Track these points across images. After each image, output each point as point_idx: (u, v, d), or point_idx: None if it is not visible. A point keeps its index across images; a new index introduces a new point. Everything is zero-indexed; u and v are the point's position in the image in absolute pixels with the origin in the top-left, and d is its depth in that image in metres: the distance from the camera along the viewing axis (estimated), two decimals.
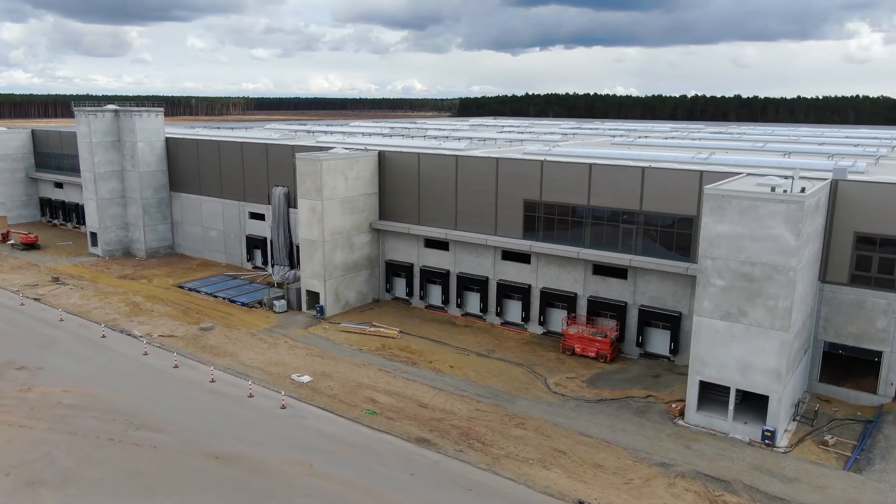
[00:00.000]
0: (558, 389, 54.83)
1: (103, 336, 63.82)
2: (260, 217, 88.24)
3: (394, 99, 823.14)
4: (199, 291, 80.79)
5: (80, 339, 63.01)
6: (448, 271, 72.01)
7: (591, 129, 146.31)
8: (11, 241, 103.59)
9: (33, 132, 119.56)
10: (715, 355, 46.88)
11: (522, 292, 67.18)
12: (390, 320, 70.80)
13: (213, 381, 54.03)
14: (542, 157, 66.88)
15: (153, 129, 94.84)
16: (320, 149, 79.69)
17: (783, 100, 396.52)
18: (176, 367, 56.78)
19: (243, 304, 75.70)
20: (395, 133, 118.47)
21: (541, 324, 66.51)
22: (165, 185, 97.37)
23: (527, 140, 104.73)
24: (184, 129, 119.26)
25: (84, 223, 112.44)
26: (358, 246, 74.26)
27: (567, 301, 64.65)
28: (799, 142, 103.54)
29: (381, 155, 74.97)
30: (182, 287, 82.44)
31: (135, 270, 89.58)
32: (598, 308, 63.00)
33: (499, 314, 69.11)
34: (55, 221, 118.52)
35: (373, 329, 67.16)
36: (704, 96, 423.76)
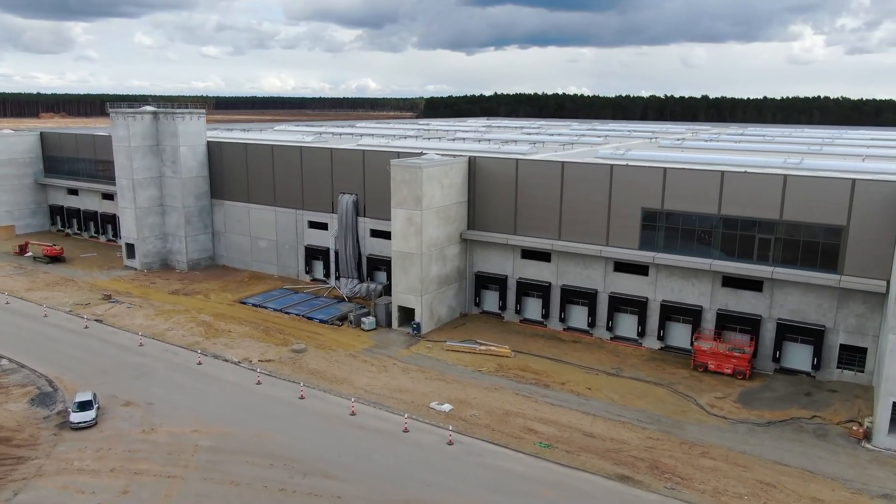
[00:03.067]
0: (715, 411, 51.70)
1: (199, 363, 57.94)
2: (321, 226, 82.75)
3: (354, 98, 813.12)
4: (265, 307, 74.98)
5: (175, 367, 56.99)
6: (549, 283, 68.19)
7: (607, 130, 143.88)
8: (30, 254, 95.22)
9: (42, 134, 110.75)
10: None
11: (638, 306, 63.86)
12: (490, 336, 66.63)
13: (353, 413, 49.02)
14: (663, 164, 63.68)
15: (196, 133, 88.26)
16: (397, 154, 74.89)
17: (750, 100, 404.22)
18: (302, 397, 51.51)
19: (322, 322, 70.40)
20: (431, 135, 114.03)
21: (659, 338, 63.34)
22: (207, 192, 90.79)
23: (576, 143, 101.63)
24: None
25: (104, 233, 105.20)
26: (450, 258, 69.82)
27: (691, 315, 61.63)
28: (835, 143, 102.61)
29: (471, 161, 70.65)
30: (244, 303, 76.47)
31: (183, 285, 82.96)
32: (728, 322, 60.15)
33: (609, 328, 65.67)
34: (68, 231, 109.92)
35: (483, 347, 62.87)
36: (673, 97, 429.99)
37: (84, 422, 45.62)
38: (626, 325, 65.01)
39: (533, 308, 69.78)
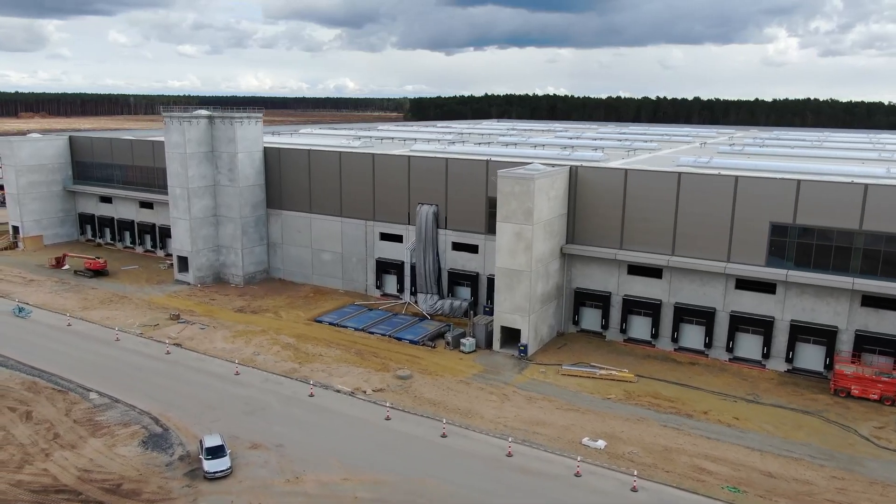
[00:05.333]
0: (884, 444, 48.11)
1: (311, 395, 52.87)
2: (395, 238, 77.88)
3: (337, 98, 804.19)
4: (344, 326, 69.99)
5: (287, 400, 51.86)
6: (660, 301, 64.24)
7: (640, 133, 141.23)
8: (67, 266, 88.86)
9: (71, 139, 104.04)
10: None
11: (763, 325, 60.17)
12: (597, 357, 62.54)
13: (510, 454, 44.46)
14: (796, 177, 60.06)
15: (253, 139, 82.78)
16: (486, 163, 70.47)
17: (743, 102, 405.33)
18: (444, 436, 46.77)
19: (413, 343, 65.72)
20: (479, 140, 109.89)
21: (787, 360, 59.69)
22: (263, 201, 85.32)
23: (637, 149, 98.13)
24: None
25: (140, 243, 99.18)
26: (552, 274, 65.55)
27: (824, 336, 58.07)
28: (886, 149, 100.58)
29: (572, 171, 66.43)
30: (319, 321, 71.36)
31: (246, 302, 77.48)
32: (867, 343, 56.70)
33: (729, 349, 61.90)
34: (100, 241, 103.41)
35: (605, 372, 58.68)
36: (665, 98, 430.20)
37: (220, 471, 40.49)
38: (749, 345, 61.30)
39: (640, 327, 65.73)
